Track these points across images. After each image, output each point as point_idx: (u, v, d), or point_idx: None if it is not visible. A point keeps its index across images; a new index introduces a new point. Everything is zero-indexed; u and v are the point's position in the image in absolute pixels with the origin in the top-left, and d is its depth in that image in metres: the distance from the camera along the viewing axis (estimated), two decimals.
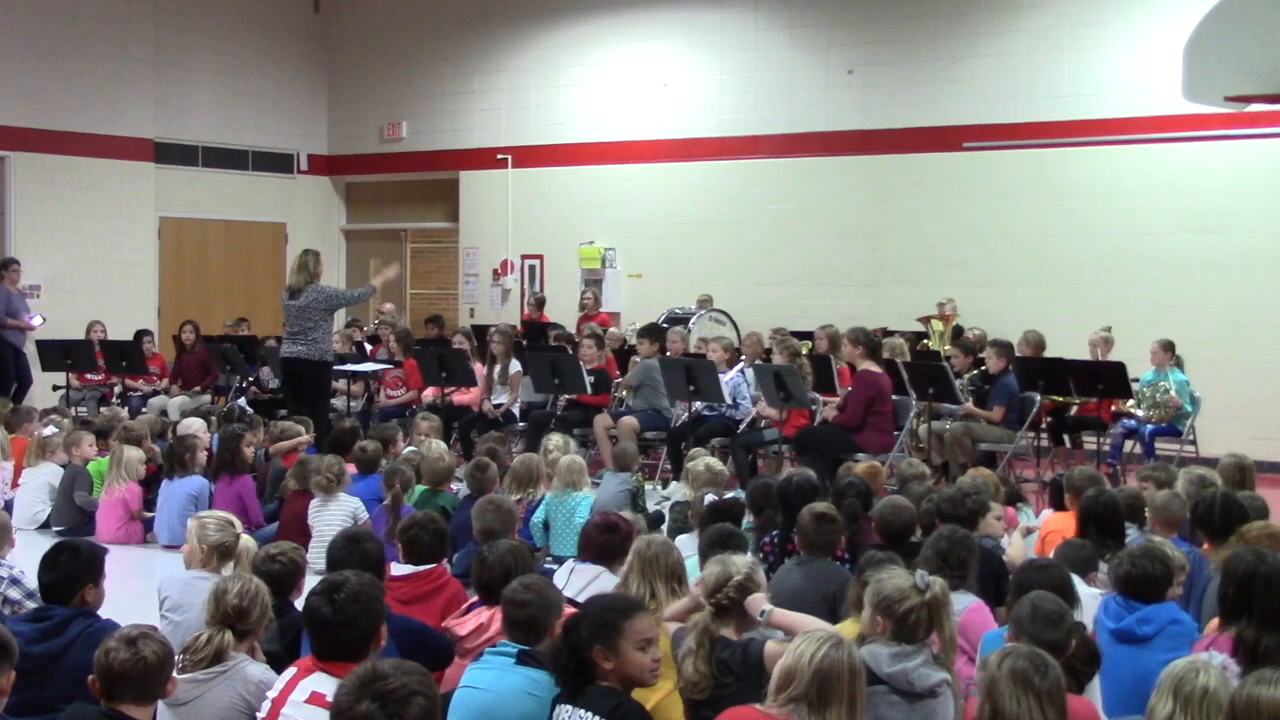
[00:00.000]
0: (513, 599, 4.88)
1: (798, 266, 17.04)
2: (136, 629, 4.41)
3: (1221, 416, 12.96)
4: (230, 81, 20.17)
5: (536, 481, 9.08)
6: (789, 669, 4.00)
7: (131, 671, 4.27)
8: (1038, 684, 3.94)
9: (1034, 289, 15.16)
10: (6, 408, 12.41)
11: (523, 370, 13.45)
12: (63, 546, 5.55)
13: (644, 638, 4.33)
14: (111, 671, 4.27)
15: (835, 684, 3.95)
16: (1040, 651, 4.09)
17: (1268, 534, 6.16)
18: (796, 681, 3.96)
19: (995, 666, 4.00)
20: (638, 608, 4.47)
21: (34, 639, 5.12)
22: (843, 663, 3.99)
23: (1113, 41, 15.09)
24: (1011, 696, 3.92)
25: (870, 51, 16.62)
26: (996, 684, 3.96)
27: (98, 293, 17.76)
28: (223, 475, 9.87)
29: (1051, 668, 4.01)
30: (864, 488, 7.70)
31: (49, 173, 17.96)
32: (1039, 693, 3.93)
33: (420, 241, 21.32)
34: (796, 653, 4.01)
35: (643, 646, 4.32)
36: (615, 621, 4.29)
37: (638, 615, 4.37)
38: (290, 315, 12.13)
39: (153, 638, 4.37)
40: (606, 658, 4.27)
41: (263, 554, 5.86)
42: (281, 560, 5.74)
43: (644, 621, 4.38)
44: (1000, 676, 3.96)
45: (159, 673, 4.34)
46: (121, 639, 4.32)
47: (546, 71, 19.20)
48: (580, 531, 6.96)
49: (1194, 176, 14.57)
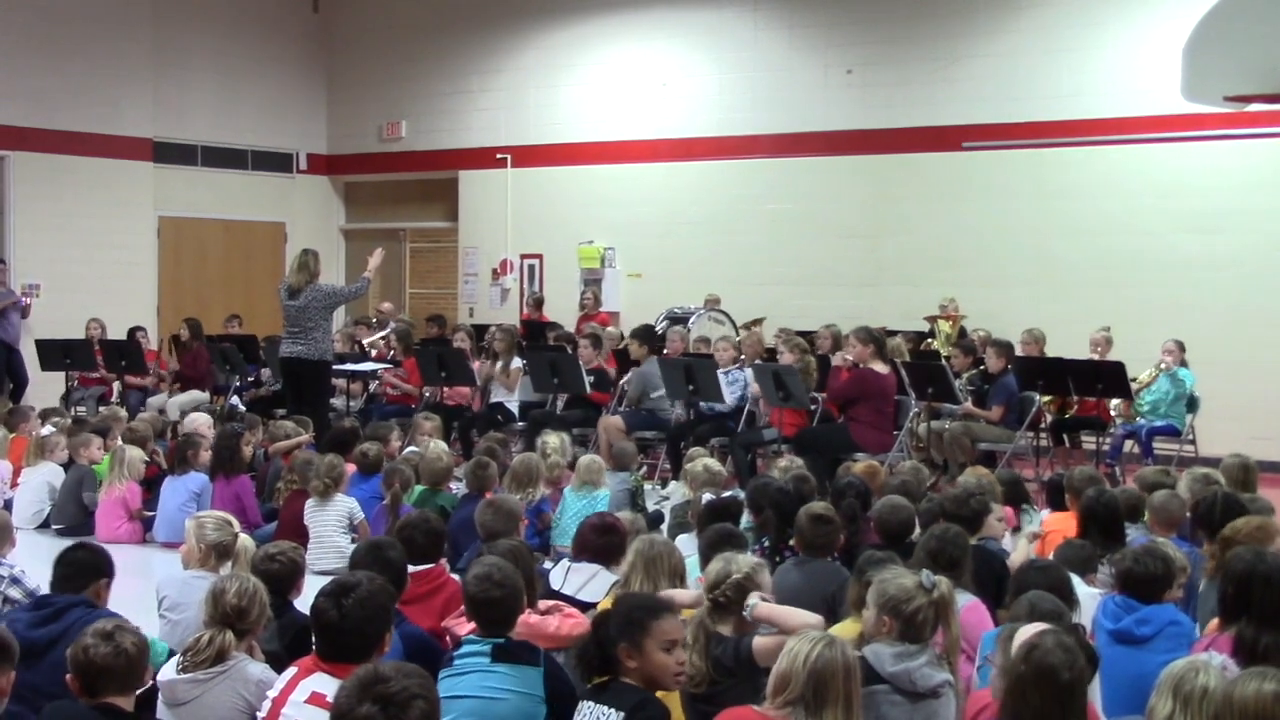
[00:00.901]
0: (483, 595, 4.86)
1: (797, 266, 17.03)
2: (109, 622, 4.44)
3: (1221, 417, 12.96)
4: (229, 81, 20.16)
5: (536, 481, 9.09)
6: (784, 672, 4.02)
7: (114, 665, 4.30)
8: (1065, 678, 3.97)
9: (1033, 289, 15.15)
10: (5, 407, 12.41)
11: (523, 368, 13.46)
12: (80, 545, 5.75)
13: (669, 639, 4.35)
14: (94, 667, 4.29)
15: (830, 684, 3.98)
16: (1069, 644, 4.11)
17: (1255, 527, 6.13)
18: (792, 685, 3.99)
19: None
20: (667, 608, 4.48)
21: (32, 625, 5.17)
22: (836, 662, 4.01)
23: (1112, 41, 15.09)
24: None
25: (869, 51, 16.62)
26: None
27: (97, 292, 17.74)
28: (220, 475, 9.86)
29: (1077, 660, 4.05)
30: (863, 488, 7.70)
31: (48, 172, 17.96)
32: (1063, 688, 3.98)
33: (419, 241, 21.32)
34: (791, 655, 4.03)
35: (667, 648, 4.34)
36: (643, 620, 4.32)
37: (665, 616, 4.39)
38: (289, 315, 12.12)
39: (126, 629, 4.41)
40: (631, 656, 4.29)
41: (262, 553, 5.86)
42: (281, 560, 5.74)
43: (671, 623, 4.40)
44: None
45: (139, 662, 4.38)
46: (98, 634, 4.33)
47: (546, 71, 19.20)
48: (576, 531, 6.97)
49: (1193, 176, 14.57)
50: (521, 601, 5.00)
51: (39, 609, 5.33)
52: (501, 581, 4.87)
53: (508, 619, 4.89)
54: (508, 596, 4.86)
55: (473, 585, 4.90)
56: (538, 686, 4.73)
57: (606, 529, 6.59)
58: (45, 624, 5.19)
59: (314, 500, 9.04)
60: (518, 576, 5.04)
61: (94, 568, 5.53)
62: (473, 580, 4.92)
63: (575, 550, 6.70)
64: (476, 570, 4.96)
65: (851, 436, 11.32)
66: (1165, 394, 12.59)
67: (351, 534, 8.88)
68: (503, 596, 4.85)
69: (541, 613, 5.48)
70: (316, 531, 8.96)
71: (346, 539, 8.83)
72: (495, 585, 4.85)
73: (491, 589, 4.84)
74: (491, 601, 4.85)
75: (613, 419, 12.59)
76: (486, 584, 4.85)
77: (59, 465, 10.67)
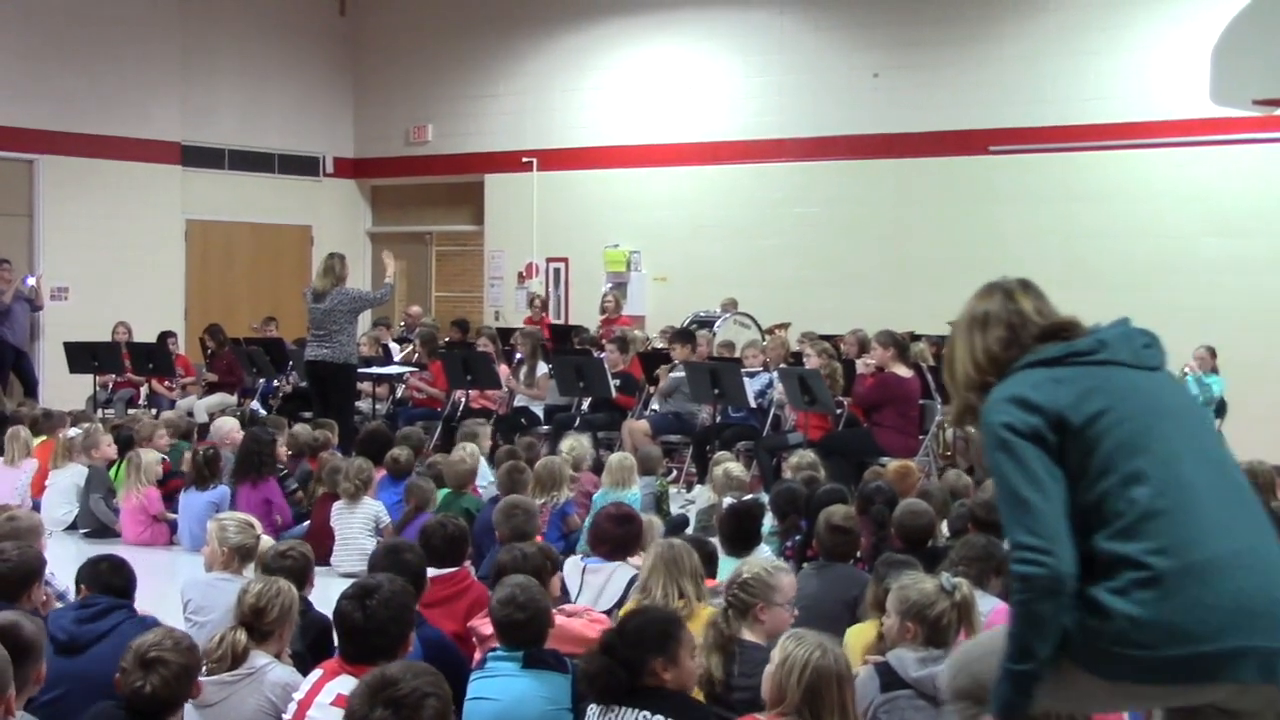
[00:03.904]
0: (508, 620, 4.87)
1: (823, 270, 17.00)
2: (148, 648, 4.27)
3: (1248, 421, 12.87)
4: (256, 85, 20.25)
5: (560, 484, 9.08)
6: (780, 684, 4.05)
7: (159, 693, 4.25)
8: None
9: (1060, 292, 14.60)
10: (36, 409, 12.46)
11: (549, 373, 13.47)
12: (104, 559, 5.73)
13: (693, 645, 4.46)
14: (142, 698, 4.24)
15: (825, 694, 4.00)
16: None
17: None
18: (789, 698, 4.02)
19: None
20: (682, 618, 4.61)
21: (78, 621, 5.22)
22: (830, 671, 4.02)
23: (1138, 45, 15.03)
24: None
25: (896, 55, 16.59)
26: None
27: (125, 295, 17.81)
28: (245, 480, 9.81)
29: None
30: (891, 494, 7.63)
31: (77, 176, 18.06)
32: None
33: (445, 244, 21.37)
34: (785, 665, 4.05)
35: (692, 654, 4.44)
36: (675, 633, 4.38)
37: (684, 625, 4.50)
38: (315, 318, 12.16)
39: (166, 661, 4.26)
40: (666, 668, 4.31)
41: (273, 551, 5.92)
42: (293, 555, 5.79)
43: (689, 631, 4.51)
44: None
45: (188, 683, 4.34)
46: (136, 663, 4.24)
47: (571, 74, 19.22)
48: (591, 523, 6.97)
49: (1221, 180, 14.49)
50: (548, 619, 5.00)
51: (84, 607, 5.37)
52: (525, 604, 4.87)
53: (535, 640, 4.89)
54: (531, 620, 4.87)
55: (497, 610, 4.91)
56: (565, 693, 4.74)
57: (624, 519, 6.61)
58: (91, 621, 5.24)
59: (342, 503, 9.06)
60: (543, 595, 5.05)
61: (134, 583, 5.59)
62: (497, 605, 4.92)
63: (592, 541, 6.71)
64: (500, 594, 4.96)
65: (876, 441, 11.28)
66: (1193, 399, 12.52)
67: (377, 537, 8.88)
68: (526, 620, 4.86)
69: (569, 614, 5.50)
70: (342, 534, 8.98)
71: (372, 542, 8.82)
72: (519, 608, 4.85)
73: (515, 612, 4.85)
74: (516, 625, 4.86)
75: (638, 423, 12.58)
76: (510, 607, 4.86)
77: (85, 467, 10.71)
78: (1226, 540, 3.27)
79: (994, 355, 3.53)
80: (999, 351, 3.52)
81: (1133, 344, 3.50)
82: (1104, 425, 3.31)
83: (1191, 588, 3.22)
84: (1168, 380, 3.56)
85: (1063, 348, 3.47)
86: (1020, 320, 3.55)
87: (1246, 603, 3.23)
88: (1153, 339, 3.56)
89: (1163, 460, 3.30)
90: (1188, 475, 3.31)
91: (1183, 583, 3.21)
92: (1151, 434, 3.33)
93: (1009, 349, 3.51)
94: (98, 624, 5.22)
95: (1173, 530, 3.25)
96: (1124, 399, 3.36)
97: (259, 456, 9.85)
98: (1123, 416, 3.33)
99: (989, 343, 3.54)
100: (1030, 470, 3.29)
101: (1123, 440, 3.30)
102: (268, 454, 9.93)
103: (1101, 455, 3.30)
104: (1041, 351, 3.47)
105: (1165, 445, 3.33)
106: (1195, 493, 3.30)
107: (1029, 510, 3.27)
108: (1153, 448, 3.31)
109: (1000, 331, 3.55)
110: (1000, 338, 3.54)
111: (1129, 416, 3.34)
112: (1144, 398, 3.40)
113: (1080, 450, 3.31)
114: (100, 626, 5.20)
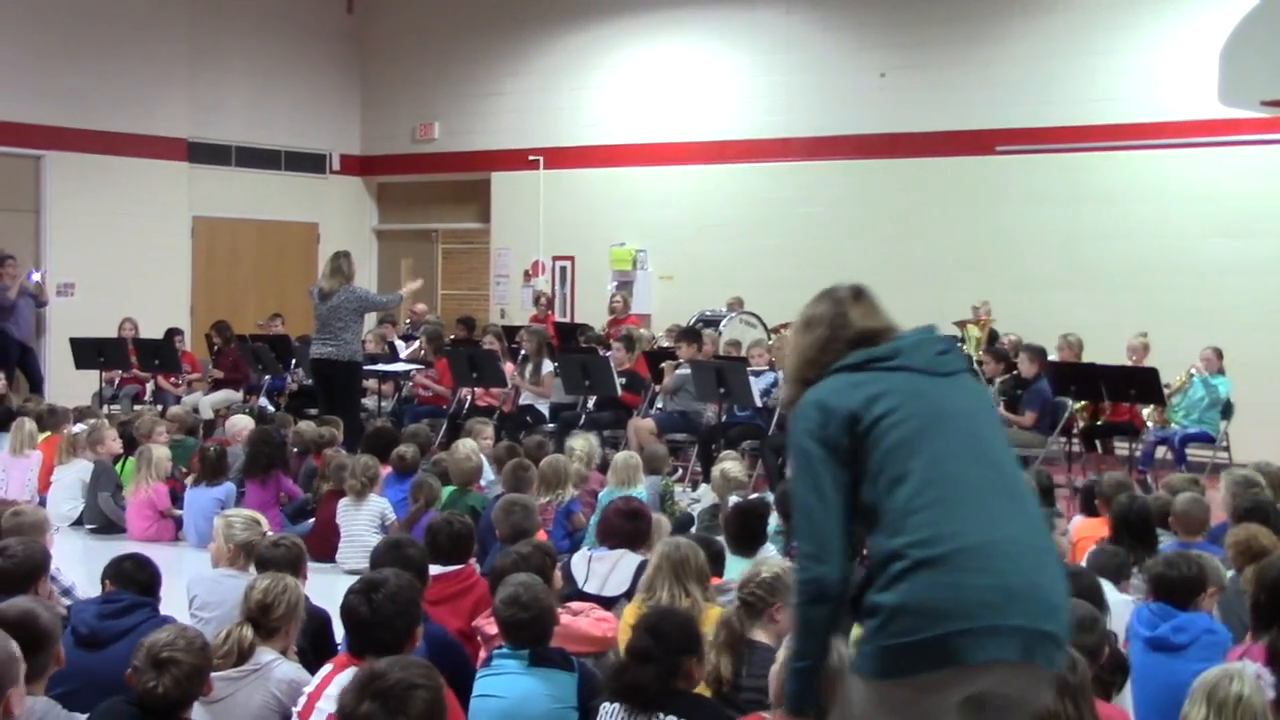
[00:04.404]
0: (512, 620, 4.89)
1: (828, 269, 16.70)
2: (160, 648, 4.29)
3: (1255, 422, 12.85)
4: (263, 82, 20.26)
5: (564, 483, 9.08)
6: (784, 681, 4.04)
7: (171, 693, 4.28)
8: (1071, 681, 3.96)
9: (1066, 293, 15.07)
10: (41, 405, 12.46)
11: (554, 371, 13.47)
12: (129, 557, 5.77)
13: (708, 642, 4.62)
14: (154, 697, 4.26)
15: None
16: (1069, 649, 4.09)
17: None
18: None
19: None
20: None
21: (101, 616, 5.26)
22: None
23: (1145, 45, 15.01)
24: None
25: (903, 55, 16.58)
26: None
27: (131, 291, 17.83)
28: (254, 478, 9.83)
29: (1080, 664, 4.08)
30: None
31: (83, 172, 18.08)
32: (1073, 690, 3.97)
33: (451, 242, 21.37)
34: None
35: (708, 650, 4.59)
36: (697, 633, 4.51)
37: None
38: (320, 316, 12.15)
39: (178, 661, 4.27)
40: (697, 667, 4.47)
41: (267, 541, 5.96)
42: (285, 545, 5.82)
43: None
44: None
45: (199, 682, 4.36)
46: (149, 662, 4.26)
47: (577, 72, 19.23)
48: (600, 517, 6.95)
49: (1229, 181, 14.47)
50: (552, 618, 5.02)
51: (108, 602, 5.40)
52: (529, 603, 4.88)
53: (540, 638, 4.91)
54: (535, 619, 4.88)
55: (502, 610, 4.92)
56: (571, 692, 4.75)
57: (632, 514, 6.61)
58: (114, 617, 5.27)
59: (348, 499, 9.08)
60: (546, 594, 5.06)
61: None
62: (501, 605, 4.93)
63: (600, 536, 6.70)
64: (503, 593, 4.96)
65: None
66: (1199, 400, 12.52)
67: (382, 534, 8.88)
68: (530, 619, 4.87)
69: (574, 613, 5.50)
70: (348, 530, 9.00)
71: (377, 539, 8.82)
72: (522, 608, 4.87)
73: (519, 612, 4.87)
74: (520, 624, 4.87)
75: (644, 421, 12.57)
76: (514, 607, 4.87)
77: (90, 463, 10.71)
78: (991, 530, 3.41)
79: (811, 357, 3.74)
80: (815, 354, 3.72)
81: (926, 351, 3.66)
82: (885, 427, 3.49)
83: (951, 573, 3.35)
84: (964, 385, 3.71)
85: (864, 354, 3.64)
86: (842, 325, 3.73)
87: (1005, 583, 3.36)
88: (949, 345, 3.76)
89: (933, 459, 3.45)
90: (956, 472, 3.46)
91: (942, 568, 3.35)
92: (925, 435, 3.49)
93: (825, 352, 3.70)
94: (120, 620, 5.25)
95: (934, 523, 3.38)
96: (908, 402, 3.53)
97: (269, 455, 9.86)
98: (904, 418, 3.49)
99: (809, 344, 3.76)
100: (817, 480, 3.49)
101: (900, 441, 3.46)
102: (278, 454, 9.95)
103: (878, 456, 3.47)
104: (849, 357, 3.66)
105: (939, 444, 3.49)
106: (962, 488, 3.44)
107: (809, 518, 3.50)
108: (924, 448, 3.46)
109: (821, 334, 3.75)
110: (819, 340, 3.74)
111: (909, 418, 3.50)
112: (928, 401, 3.56)
113: (866, 451, 3.48)
114: (123, 623, 5.23)
